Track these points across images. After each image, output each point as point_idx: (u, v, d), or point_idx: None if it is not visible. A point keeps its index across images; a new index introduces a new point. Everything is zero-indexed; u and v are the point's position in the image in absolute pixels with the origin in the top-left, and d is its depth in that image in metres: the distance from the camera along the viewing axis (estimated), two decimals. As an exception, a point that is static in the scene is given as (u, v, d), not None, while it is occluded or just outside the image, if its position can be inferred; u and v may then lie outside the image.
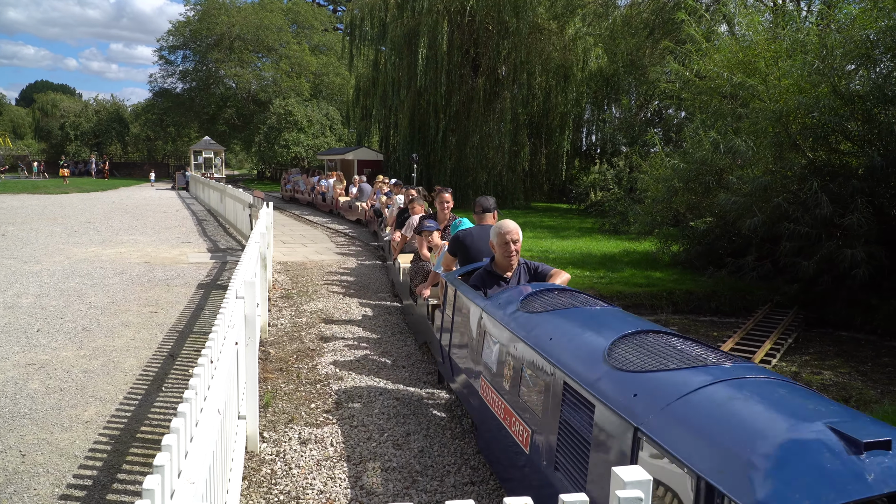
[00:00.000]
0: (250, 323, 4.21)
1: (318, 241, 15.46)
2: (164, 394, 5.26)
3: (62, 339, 6.69)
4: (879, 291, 8.80)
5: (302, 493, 3.77)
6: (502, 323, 3.69)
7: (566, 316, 3.43)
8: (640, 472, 1.64)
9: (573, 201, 24.48)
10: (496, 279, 4.58)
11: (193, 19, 53.30)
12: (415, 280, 7.21)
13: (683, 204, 11.94)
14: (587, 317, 3.40)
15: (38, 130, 66.82)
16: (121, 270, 10.62)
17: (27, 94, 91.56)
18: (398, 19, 25.25)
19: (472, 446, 4.43)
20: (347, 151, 29.82)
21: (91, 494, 3.72)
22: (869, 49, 9.15)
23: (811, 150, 9.88)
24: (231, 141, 56.11)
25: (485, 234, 5.21)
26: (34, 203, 24.64)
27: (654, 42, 22.49)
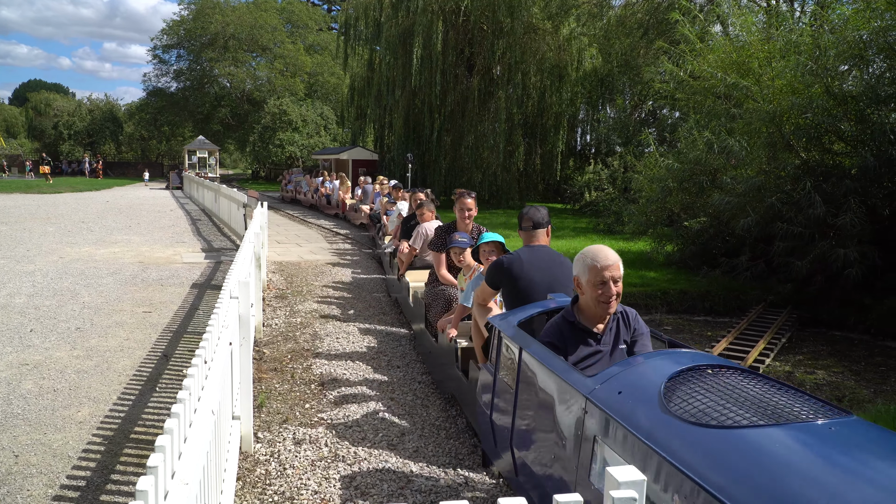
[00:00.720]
0: (244, 323, 4.20)
1: (313, 240, 15.44)
2: (158, 394, 5.24)
3: (55, 339, 6.67)
4: (872, 291, 8.84)
5: (296, 494, 3.77)
6: (648, 441, 2.23)
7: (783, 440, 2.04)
8: (634, 473, 1.65)
9: (568, 201, 24.50)
10: (583, 335, 3.20)
11: (187, 18, 53.10)
12: (433, 308, 6.05)
13: (678, 204, 11.97)
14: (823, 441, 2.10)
15: (32, 130, 66.53)
16: (114, 270, 10.58)
17: (20, 94, 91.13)
18: (393, 19, 25.23)
19: (467, 446, 4.43)
20: (342, 151, 29.77)
21: (84, 495, 3.71)
22: (862, 50, 9.19)
23: (804, 150, 9.92)
24: (225, 140, 55.92)
25: (540, 261, 4.15)
26: (27, 203, 24.54)
27: (648, 42, 22.52)
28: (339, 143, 41.13)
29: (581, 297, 3.24)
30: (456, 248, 5.63)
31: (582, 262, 3.18)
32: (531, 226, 4.32)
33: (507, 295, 4.18)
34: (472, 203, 6.22)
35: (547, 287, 4.02)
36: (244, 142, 52.03)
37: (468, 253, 5.38)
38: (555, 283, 4.06)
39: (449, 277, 6.13)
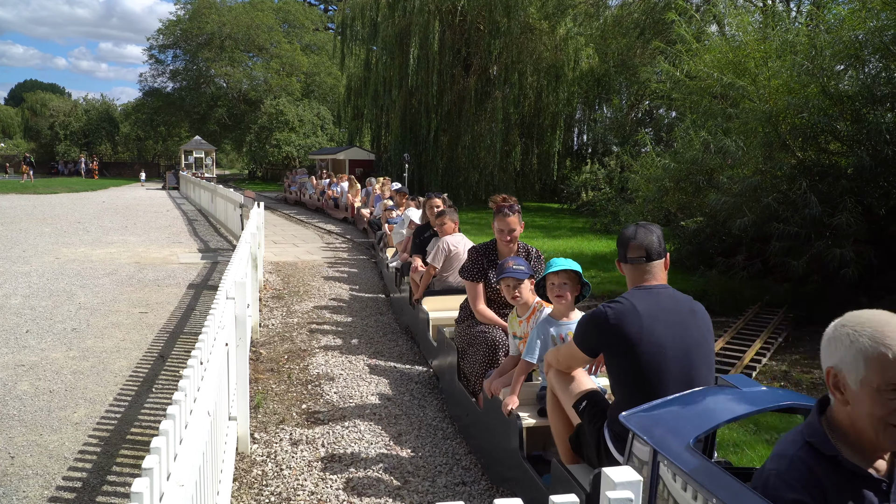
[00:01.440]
0: (241, 323, 4.20)
1: (309, 240, 15.43)
2: (154, 395, 5.23)
3: (51, 340, 6.65)
4: (868, 291, 8.85)
5: (293, 495, 3.76)
6: None
7: None
8: (630, 473, 1.65)
9: (564, 201, 24.54)
10: (854, 486, 1.64)
11: (184, 18, 53.02)
12: (469, 356, 4.59)
13: (674, 204, 11.98)
14: None
15: (28, 130, 66.35)
16: (111, 271, 10.56)
17: (16, 94, 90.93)
18: (389, 19, 25.23)
19: (464, 447, 4.43)
20: (339, 151, 29.76)
21: (80, 497, 3.70)
22: (858, 49, 9.21)
23: (800, 150, 9.94)
24: (222, 141, 55.84)
25: (666, 313, 2.78)
26: (23, 203, 24.48)
27: (644, 42, 22.56)
28: (335, 143, 41.12)
29: (841, 407, 1.72)
30: (510, 280, 4.06)
31: (857, 346, 1.67)
32: (643, 257, 2.92)
33: (617, 368, 2.84)
34: (515, 221, 4.70)
35: (682, 356, 2.73)
36: (241, 142, 51.96)
37: (527, 286, 4.07)
38: (693, 349, 2.77)
39: (491, 315, 4.72)
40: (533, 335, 3.75)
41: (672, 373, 2.70)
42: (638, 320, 2.74)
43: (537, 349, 3.67)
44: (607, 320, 2.80)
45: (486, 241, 4.95)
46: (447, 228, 6.55)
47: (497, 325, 4.64)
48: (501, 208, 4.70)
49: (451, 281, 6.38)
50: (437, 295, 6.34)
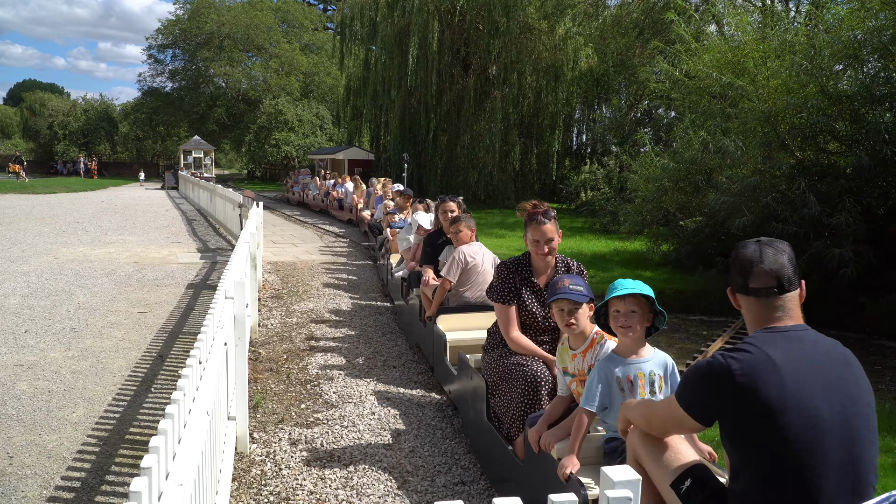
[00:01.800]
0: (240, 323, 4.20)
1: (308, 240, 15.42)
2: (153, 395, 5.23)
3: (50, 339, 6.65)
4: (867, 290, 8.87)
5: (292, 494, 3.76)
6: None
7: None
8: (628, 472, 1.65)
9: (564, 201, 24.54)
10: None
11: (183, 18, 53.02)
12: (502, 392, 3.85)
13: (673, 203, 11.99)
14: None
15: (27, 130, 66.32)
16: (110, 271, 10.55)
17: (15, 94, 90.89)
18: (388, 19, 25.23)
19: (463, 446, 4.43)
20: (338, 151, 29.77)
21: (79, 496, 3.70)
22: (856, 49, 9.23)
23: (799, 149, 9.95)
24: (221, 140, 55.84)
25: (814, 366, 2.07)
26: (22, 203, 24.47)
27: (643, 42, 22.57)
28: (335, 142, 41.12)
29: None
30: (565, 303, 3.25)
31: None
32: (773, 287, 2.17)
33: (743, 442, 2.08)
34: (552, 230, 3.91)
35: (843, 430, 2.02)
36: (240, 142, 51.97)
37: (585, 312, 3.28)
38: (854, 418, 2.05)
39: (528, 344, 3.93)
40: (593, 377, 2.95)
41: (830, 454, 1.98)
42: (778, 379, 1.99)
43: (598, 395, 2.89)
44: (732, 378, 2.01)
45: (517, 256, 4.15)
46: (463, 237, 5.88)
47: (536, 356, 3.88)
48: (534, 216, 3.92)
49: (467, 296, 5.71)
50: (454, 312, 5.55)
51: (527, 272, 4.05)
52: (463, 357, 4.58)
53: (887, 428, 4.91)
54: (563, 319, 3.27)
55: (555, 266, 4.06)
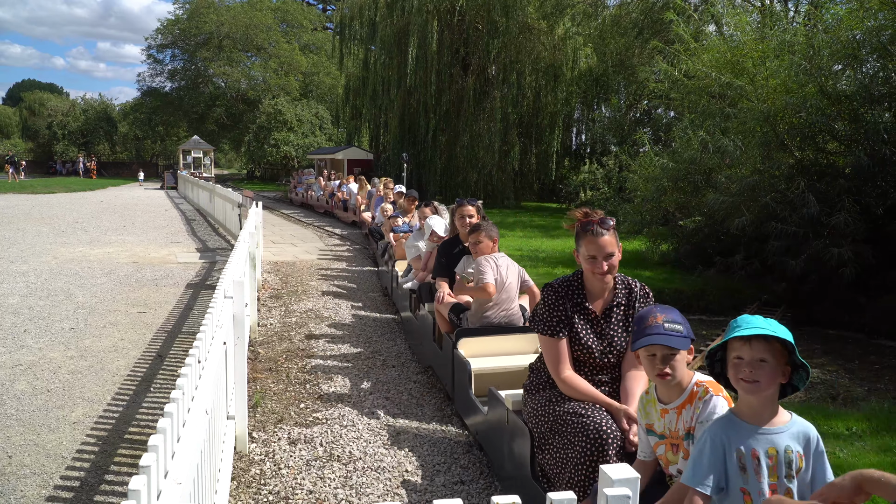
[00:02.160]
0: (239, 323, 4.20)
1: (308, 239, 15.41)
2: (152, 394, 5.23)
3: (49, 339, 6.64)
4: (866, 290, 8.87)
5: (291, 494, 3.76)
6: None
7: None
8: (627, 470, 1.65)
9: (563, 201, 24.56)
10: None
11: (182, 18, 53.01)
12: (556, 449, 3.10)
13: (672, 203, 12.00)
14: None
15: (26, 130, 66.30)
16: (109, 270, 10.55)
17: (14, 93, 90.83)
18: (388, 19, 25.23)
19: (462, 445, 4.43)
20: (337, 151, 29.75)
21: (78, 496, 3.69)
22: (855, 49, 9.23)
23: (798, 149, 9.95)
24: (220, 140, 55.83)
25: None
26: (21, 203, 24.45)
27: (643, 42, 22.58)
28: (334, 142, 41.12)
29: None
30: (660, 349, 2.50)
31: None
32: None
33: None
34: (611, 243, 3.20)
35: None
36: (239, 142, 51.99)
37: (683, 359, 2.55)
38: None
39: (586, 388, 3.15)
40: (703, 446, 2.14)
41: None
42: None
43: (712, 474, 2.09)
44: None
45: (567, 275, 3.34)
46: (483, 248, 5.07)
47: (596, 402, 3.07)
48: (589, 226, 3.16)
49: (489, 316, 4.90)
50: (476, 335, 4.75)
51: (579, 296, 3.24)
52: (495, 394, 3.82)
53: (886, 427, 4.92)
54: (655, 368, 2.50)
55: (614, 288, 3.28)
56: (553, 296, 3.25)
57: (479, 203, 5.99)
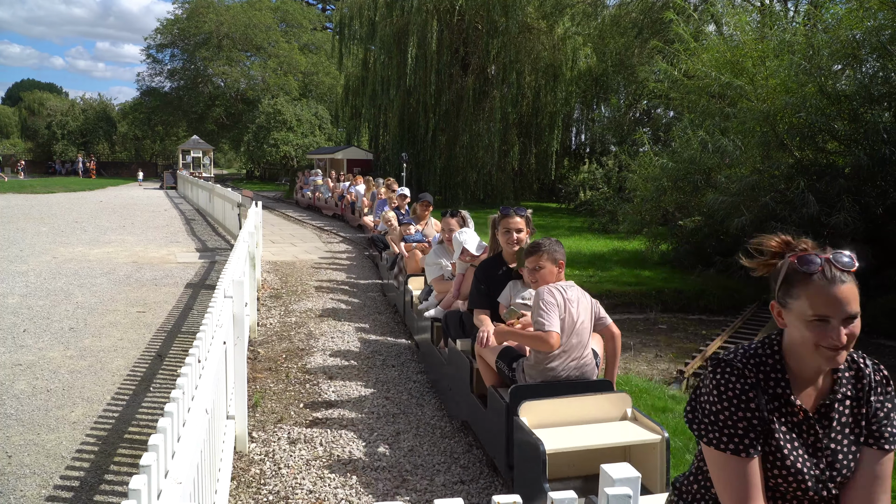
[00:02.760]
0: (239, 322, 4.20)
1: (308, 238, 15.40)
2: (152, 394, 5.23)
3: (49, 339, 6.64)
4: (866, 290, 8.84)
5: (291, 493, 3.76)
6: None
7: None
8: (628, 470, 1.65)
9: (563, 200, 24.57)
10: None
11: (181, 17, 53.01)
12: None
13: (672, 203, 12.00)
14: None
15: (25, 130, 66.29)
16: (108, 270, 10.54)
17: (13, 93, 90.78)
18: (387, 18, 25.23)
19: (462, 445, 4.43)
20: (337, 151, 29.74)
21: (78, 495, 3.69)
22: (855, 49, 9.23)
23: (798, 149, 9.96)
24: (220, 140, 55.84)
25: None
26: (20, 202, 24.44)
27: (642, 42, 22.60)
28: (333, 142, 41.11)
29: None
30: None
31: None
32: None
33: None
34: (853, 293, 1.78)
35: None
36: (238, 141, 51.94)
37: None
38: None
39: None
40: None
41: None
42: None
43: None
44: None
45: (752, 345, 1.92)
46: (545, 275, 3.79)
47: None
48: (815, 265, 1.80)
49: (556, 368, 3.65)
50: (541, 397, 3.50)
51: (780, 384, 1.85)
52: None
53: (886, 427, 4.91)
54: None
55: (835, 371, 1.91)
56: (737, 385, 1.81)
57: (528, 213, 4.56)
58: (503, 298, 4.33)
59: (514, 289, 4.34)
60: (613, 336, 3.85)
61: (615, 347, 3.86)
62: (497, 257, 4.59)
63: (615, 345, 3.85)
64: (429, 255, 6.42)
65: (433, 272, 6.21)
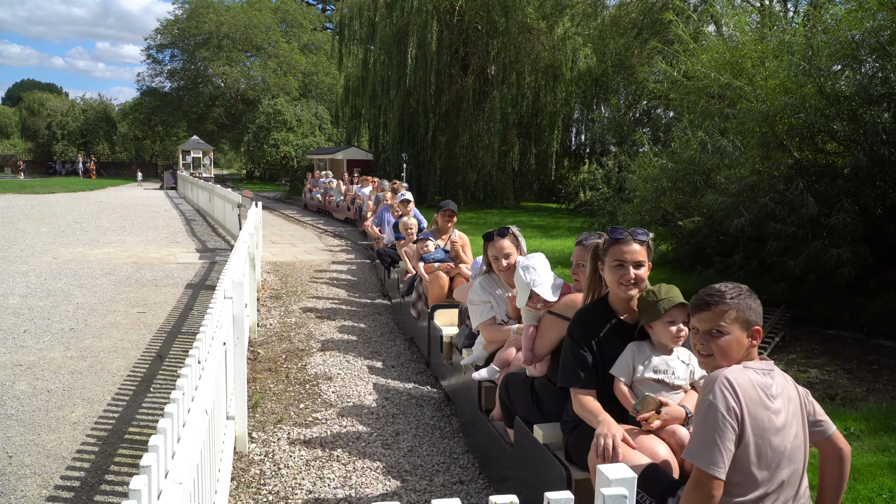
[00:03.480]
0: (238, 323, 4.21)
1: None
2: (152, 394, 5.24)
3: (49, 339, 6.65)
4: (865, 290, 8.87)
5: (291, 494, 3.77)
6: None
7: None
8: (624, 470, 1.66)
9: (563, 201, 24.55)
10: None
11: (181, 18, 53.02)
12: None
13: (672, 203, 12.00)
14: None
15: (25, 130, 66.28)
16: (108, 271, 10.55)
17: (13, 93, 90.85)
18: (387, 19, 25.23)
19: (462, 445, 4.44)
20: (337, 151, 29.75)
21: (78, 496, 3.70)
22: (854, 50, 9.23)
23: (797, 150, 9.96)
24: (220, 140, 55.86)
25: None
26: (21, 203, 24.45)
27: (642, 42, 22.59)
28: (333, 142, 41.11)
29: None
30: None
31: None
32: None
33: None
34: None
35: None
36: (238, 142, 51.96)
37: None
38: None
39: None
40: None
41: None
42: None
43: None
44: None
45: None
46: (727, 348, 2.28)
47: None
48: None
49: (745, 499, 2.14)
50: None
51: None
52: None
53: (884, 427, 4.93)
54: None
55: None
56: None
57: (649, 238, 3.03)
58: (620, 371, 2.83)
59: (638, 355, 2.82)
60: (841, 456, 2.30)
61: (842, 472, 2.30)
62: (600, 305, 3.04)
63: (842, 469, 2.30)
64: (473, 291, 4.49)
65: (480, 314, 4.38)
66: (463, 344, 4.79)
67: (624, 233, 2.97)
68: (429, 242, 6.90)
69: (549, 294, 3.51)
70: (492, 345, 4.30)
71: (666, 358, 2.82)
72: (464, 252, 6.82)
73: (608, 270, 2.95)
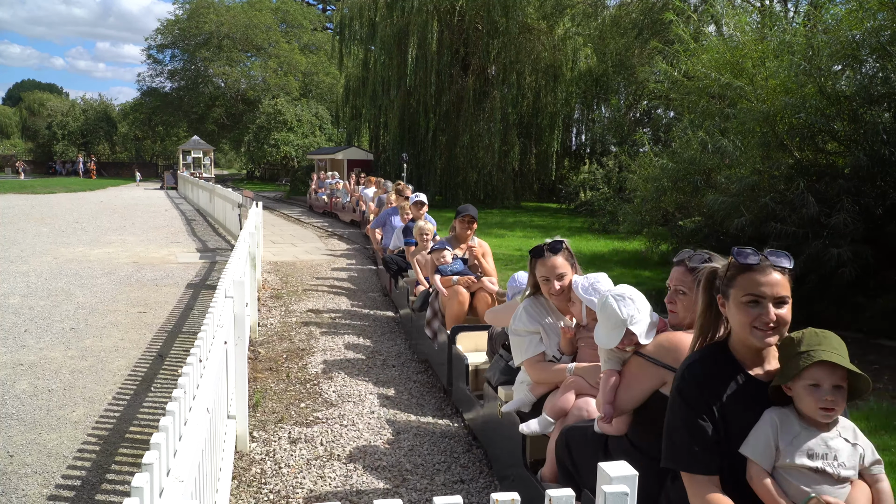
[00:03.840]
0: (239, 322, 4.21)
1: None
2: (153, 394, 5.24)
3: (50, 339, 6.65)
4: (866, 290, 8.87)
5: (292, 493, 3.77)
6: None
7: None
8: (625, 468, 1.66)
9: (563, 201, 24.55)
10: None
11: (182, 18, 53.02)
12: None
13: (672, 203, 12.00)
14: None
15: (25, 130, 66.30)
16: (109, 270, 10.56)
17: (14, 94, 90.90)
18: (388, 19, 25.23)
19: (462, 444, 4.44)
20: (337, 151, 29.75)
21: (79, 495, 3.71)
22: (855, 50, 9.23)
23: (798, 150, 9.96)
24: (220, 140, 55.84)
25: None
26: (21, 203, 24.45)
27: (642, 42, 22.60)
28: (334, 142, 41.11)
29: None
30: None
31: None
32: None
33: None
34: None
35: None
36: (239, 142, 51.96)
37: None
38: None
39: None
40: None
41: None
42: None
43: None
44: None
45: None
46: None
47: None
48: None
49: None
50: None
51: None
52: None
53: (885, 427, 4.93)
54: None
55: None
56: None
57: (790, 265, 2.22)
58: (757, 452, 2.00)
59: (782, 430, 2.00)
60: None
61: None
62: (720, 353, 2.17)
63: None
64: (517, 318, 3.60)
65: (526, 347, 3.49)
66: (498, 381, 3.89)
67: (758, 256, 2.14)
68: (446, 253, 6.03)
69: (646, 334, 2.70)
70: (539, 387, 3.44)
71: (826, 436, 1.98)
72: (484, 260, 6.07)
73: (735, 308, 2.10)
